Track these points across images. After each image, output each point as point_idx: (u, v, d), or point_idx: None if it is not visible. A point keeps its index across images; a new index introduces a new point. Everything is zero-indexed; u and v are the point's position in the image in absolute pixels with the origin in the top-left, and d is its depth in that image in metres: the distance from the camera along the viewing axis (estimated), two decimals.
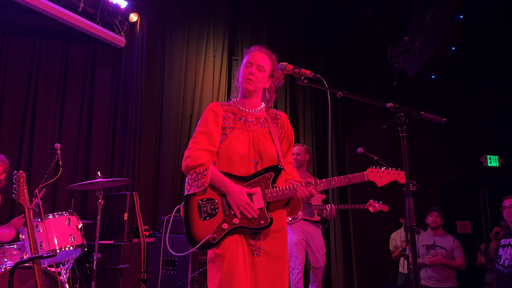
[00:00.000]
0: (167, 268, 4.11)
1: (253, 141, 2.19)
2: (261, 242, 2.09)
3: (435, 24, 5.17)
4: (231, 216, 2.06)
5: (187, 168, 2.11)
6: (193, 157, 2.09)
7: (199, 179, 2.06)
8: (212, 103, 2.28)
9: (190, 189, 2.07)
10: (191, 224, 2.03)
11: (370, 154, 4.22)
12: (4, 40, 4.80)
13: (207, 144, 2.13)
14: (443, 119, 1.88)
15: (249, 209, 2.06)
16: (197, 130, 2.19)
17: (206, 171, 2.07)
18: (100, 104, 5.28)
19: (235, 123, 2.23)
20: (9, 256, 3.20)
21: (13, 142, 4.72)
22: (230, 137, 2.18)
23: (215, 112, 2.22)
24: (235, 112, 2.26)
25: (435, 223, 5.07)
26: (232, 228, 2.04)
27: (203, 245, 2.01)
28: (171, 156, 5.44)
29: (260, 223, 2.06)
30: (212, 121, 2.19)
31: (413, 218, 1.86)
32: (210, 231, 2.01)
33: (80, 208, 4.87)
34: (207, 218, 2.04)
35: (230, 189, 2.08)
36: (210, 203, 2.07)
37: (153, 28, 5.68)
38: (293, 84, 6.31)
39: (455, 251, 5.00)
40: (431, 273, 4.91)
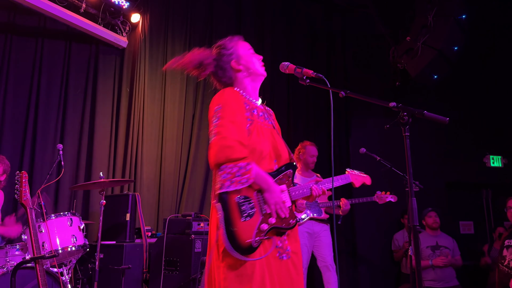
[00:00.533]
0: (169, 269, 4.11)
1: (270, 138, 2.10)
2: (287, 244, 1.98)
3: (437, 24, 5.16)
4: (267, 216, 1.91)
5: (228, 159, 1.82)
6: (234, 148, 1.84)
7: (243, 174, 1.82)
8: (230, 89, 2.11)
9: (231, 185, 1.81)
10: (233, 226, 1.80)
11: (372, 155, 4.21)
12: (6, 41, 4.80)
13: (239, 136, 1.90)
14: (446, 119, 1.87)
15: (284, 209, 1.94)
16: (223, 118, 1.94)
17: (249, 165, 1.84)
18: (102, 105, 5.28)
19: (252, 115, 2.07)
20: (12, 256, 3.20)
21: (15, 143, 4.72)
22: (254, 131, 2.02)
23: (238, 101, 2.04)
24: (247, 102, 2.11)
25: (436, 223, 5.06)
26: (269, 228, 1.89)
27: (245, 249, 1.80)
28: (173, 156, 5.44)
29: (290, 223, 1.97)
30: (238, 111, 2.00)
31: (416, 218, 1.85)
32: (251, 232, 1.83)
33: (82, 209, 4.88)
34: (247, 218, 1.84)
35: (272, 186, 1.93)
36: (247, 201, 1.87)
37: (155, 28, 5.68)
38: (294, 84, 6.30)
39: (455, 250, 5.02)
40: (440, 273, 4.88)
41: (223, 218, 1.80)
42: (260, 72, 2.22)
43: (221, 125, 1.91)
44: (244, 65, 2.20)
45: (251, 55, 2.24)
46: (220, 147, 1.85)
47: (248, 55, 2.23)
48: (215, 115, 1.97)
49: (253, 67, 2.20)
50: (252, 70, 2.20)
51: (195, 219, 4.19)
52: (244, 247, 1.79)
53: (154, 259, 4.22)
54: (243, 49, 2.25)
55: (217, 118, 1.95)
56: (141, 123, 5.35)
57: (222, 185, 1.82)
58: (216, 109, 1.99)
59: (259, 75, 2.22)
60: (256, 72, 2.21)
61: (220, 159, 1.83)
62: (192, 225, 4.12)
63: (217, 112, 1.97)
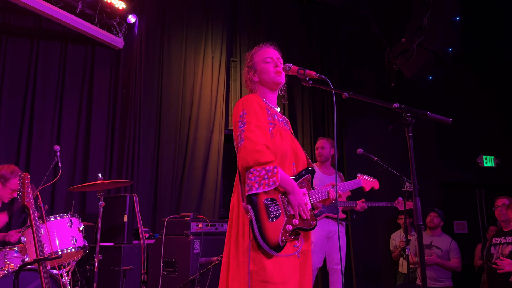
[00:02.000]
0: (168, 270, 4.10)
1: (290, 143, 2.20)
2: (303, 243, 2.09)
3: (432, 26, 5.21)
4: (291, 217, 2.01)
5: (257, 163, 1.94)
6: (263, 152, 1.96)
7: (270, 177, 1.93)
8: (254, 96, 2.19)
9: (259, 187, 1.92)
10: (263, 226, 1.90)
11: (369, 155, 4.25)
12: (2, 41, 4.77)
13: (264, 139, 2.01)
14: (449, 119, 1.90)
15: (306, 210, 2.04)
16: (250, 123, 2.04)
17: (276, 168, 1.96)
18: (99, 106, 5.25)
19: (273, 119, 2.17)
20: (10, 258, 3.18)
21: (11, 144, 4.69)
22: (277, 135, 2.12)
23: (261, 107, 2.13)
24: (268, 108, 2.20)
25: (431, 223, 5.16)
26: (294, 229, 2.00)
27: (273, 248, 1.90)
28: (170, 157, 5.44)
29: (311, 224, 2.08)
30: (262, 116, 2.09)
31: (420, 217, 1.88)
32: (278, 233, 1.93)
33: (79, 210, 4.85)
34: (274, 219, 1.95)
35: (296, 189, 2.03)
36: (274, 203, 1.98)
37: (151, 29, 5.67)
38: (291, 85, 6.32)
39: (451, 252, 5.07)
40: (432, 273, 4.97)
41: (254, 218, 1.91)
42: (271, 81, 2.27)
43: (248, 129, 2.02)
44: (259, 77, 2.29)
45: (264, 65, 2.28)
46: (250, 151, 1.96)
47: (261, 66, 2.29)
48: (241, 120, 2.08)
49: (265, 77, 2.27)
50: (265, 81, 2.28)
51: (194, 220, 4.18)
52: (272, 246, 1.90)
53: (153, 260, 4.21)
54: (258, 60, 2.31)
55: (244, 123, 2.06)
56: (138, 124, 5.34)
57: (251, 187, 1.93)
58: (241, 114, 2.10)
59: (271, 84, 2.28)
60: (267, 83, 2.28)
61: (249, 163, 1.95)
62: (190, 226, 4.12)
63: (243, 117, 2.08)
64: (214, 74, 5.87)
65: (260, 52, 2.33)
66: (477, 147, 6.98)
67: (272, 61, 2.29)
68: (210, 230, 4.20)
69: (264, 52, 2.33)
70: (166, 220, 4.27)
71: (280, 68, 2.27)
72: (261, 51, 2.34)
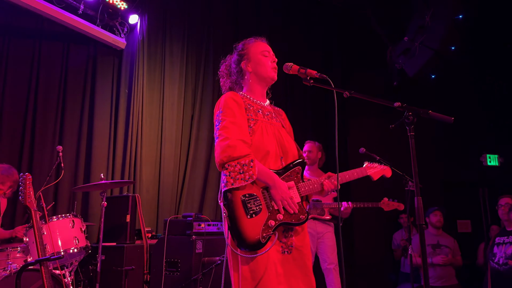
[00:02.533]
0: (170, 270, 4.10)
1: (277, 136, 2.14)
2: (293, 239, 2.01)
3: (434, 24, 5.20)
4: (274, 212, 1.94)
5: (230, 158, 1.89)
6: (235, 147, 1.91)
7: (246, 171, 1.87)
8: (230, 93, 2.15)
9: (234, 182, 1.86)
10: (239, 223, 1.84)
11: (372, 154, 4.23)
12: (4, 42, 4.77)
13: (241, 135, 1.97)
14: (451, 118, 1.89)
15: (291, 204, 1.97)
16: (225, 120, 2.02)
17: (252, 162, 1.90)
18: (101, 106, 5.26)
19: (256, 115, 2.12)
20: (13, 259, 3.19)
21: (14, 145, 4.69)
22: (258, 130, 2.07)
23: (238, 103, 2.09)
24: (251, 103, 2.16)
25: (439, 222, 5.10)
26: (277, 225, 1.92)
27: (252, 245, 1.84)
28: (172, 157, 5.44)
29: (300, 218, 1.99)
30: (238, 112, 2.05)
31: (422, 216, 1.87)
32: (259, 229, 1.86)
33: (82, 210, 4.86)
34: (253, 215, 1.87)
35: (277, 182, 1.96)
36: (253, 199, 1.91)
37: (153, 29, 5.67)
38: (293, 84, 6.32)
39: (456, 250, 5.06)
40: (440, 272, 4.93)
41: (228, 216, 1.86)
42: (267, 76, 2.23)
43: (222, 127, 2.00)
44: (253, 68, 2.23)
45: (261, 57, 2.24)
46: (223, 147, 1.93)
47: (258, 57, 2.24)
48: (217, 119, 2.07)
49: (261, 70, 2.22)
50: (259, 73, 2.23)
51: (196, 219, 4.18)
52: (252, 243, 1.84)
53: (155, 260, 4.21)
54: (254, 51, 2.26)
55: (219, 121, 2.04)
56: (140, 124, 5.34)
57: (226, 183, 1.88)
58: (217, 114, 2.08)
59: (266, 78, 2.24)
60: (262, 76, 2.23)
61: (223, 160, 1.91)
62: (192, 225, 4.12)
63: (219, 116, 2.06)
64: (216, 73, 5.84)
65: (256, 44, 2.29)
66: (481, 146, 6.95)
67: (269, 55, 2.27)
68: (212, 230, 4.20)
69: (260, 44, 2.29)
70: (168, 220, 4.27)
71: (276, 65, 2.25)
72: (257, 43, 2.30)
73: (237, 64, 2.27)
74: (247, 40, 2.33)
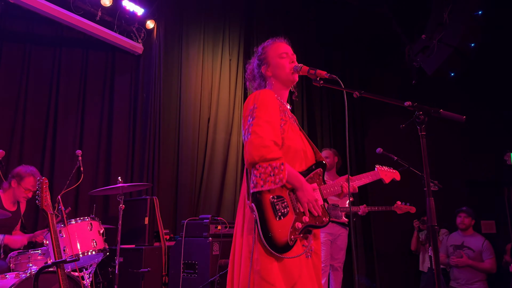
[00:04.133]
0: (188, 272, 4.14)
1: (300, 139, 2.14)
2: (312, 242, 1.99)
3: (453, 21, 5.09)
4: (300, 214, 1.93)
5: (262, 158, 1.86)
6: (269, 148, 1.88)
7: (276, 174, 1.85)
8: (267, 90, 2.11)
9: (264, 184, 1.84)
10: (269, 225, 1.82)
11: (389, 154, 4.18)
12: (26, 50, 4.91)
13: (273, 135, 1.94)
14: (462, 117, 1.85)
15: (316, 207, 1.96)
16: (259, 117, 1.96)
17: (283, 165, 1.88)
18: (120, 110, 5.35)
19: (285, 115, 2.10)
20: (34, 261, 3.27)
21: (36, 150, 4.82)
22: (289, 131, 2.05)
23: (274, 102, 2.06)
24: (280, 104, 2.14)
25: (462, 224, 5.00)
26: (304, 227, 1.91)
27: (282, 247, 1.83)
28: (189, 160, 5.49)
29: (323, 220, 1.99)
30: (273, 111, 2.01)
31: (434, 218, 1.83)
32: (287, 231, 1.85)
33: (101, 213, 4.95)
34: (281, 217, 1.86)
35: (304, 185, 1.95)
36: (281, 201, 1.90)
37: (169, 34, 5.74)
38: (309, 85, 6.29)
39: (484, 253, 4.87)
40: (457, 274, 4.83)
41: (258, 218, 1.83)
42: (286, 79, 2.19)
43: (257, 124, 1.94)
44: (272, 72, 2.21)
45: (279, 60, 2.20)
46: (256, 146, 1.88)
47: (276, 61, 2.20)
48: (250, 115, 2.01)
49: (281, 73, 2.19)
50: (279, 77, 2.20)
51: (212, 222, 4.21)
52: (280, 245, 1.83)
53: (173, 262, 4.26)
54: (272, 54, 2.22)
55: (253, 117, 1.98)
56: (158, 127, 5.41)
57: (256, 184, 1.86)
58: (251, 109, 2.02)
59: (285, 81, 2.21)
60: (282, 79, 2.20)
61: (255, 158, 1.87)
62: (209, 228, 4.15)
63: (253, 112, 1.99)
64: (232, 77, 5.91)
65: (274, 46, 2.25)
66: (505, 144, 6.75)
67: (288, 56, 2.22)
68: (229, 232, 4.22)
69: (278, 46, 2.24)
70: (186, 222, 4.31)
71: (295, 64, 2.20)
72: (275, 45, 2.25)
73: (258, 69, 2.25)
74: (266, 43, 2.30)
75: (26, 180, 3.79)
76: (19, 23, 4.90)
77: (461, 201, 5.97)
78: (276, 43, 2.27)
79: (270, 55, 2.22)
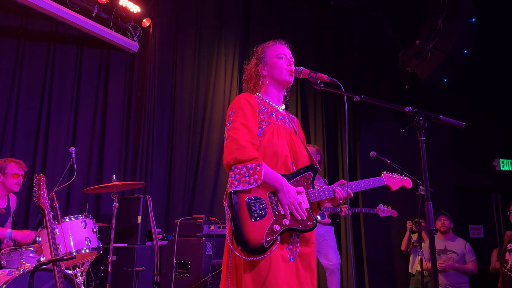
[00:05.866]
0: (180, 271, 4.13)
1: (288, 141, 2.12)
2: (298, 246, 1.97)
3: (447, 28, 5.16)
4: (281, 217, 1.90)
5: (236, 161, 1.88)
6: (243, 150, 1.89)
7: (251, 175, 1.85)
8: (245, 94, 2.14)
9: (238, 185, 1.84)
10: (242, 226, 1.80)
11: (383, 158, 4.23)
12: (19, 45, 4.87)
13: (249, 136, 1.96)
14: (462, 123, 1.88)
15: (299, 210, 1.93)
16: (235, 121, 2.01)
17: (259, 166, 1.87)
18: (114, 108, 5.33)
19: (269, 117, 2.11)
20: (26, 258, 3.23)
21: (28, 147, 4.78)
22: (269, 132, 2.05)
23: (251, 105, 2.07)
24: (265, 106, 2.15)
25: (444, 226, 5.07)
26: (283, 230, 1.87)
27: (255, 249, 1.80)
28: (183, 159, 5.48)
29: (308, 225, 1.94)
30: (250, 114, 2.03)
31: (432, 222, 1.86)
32: (262, 233, 1.82)
33: (93, 211, 4.92)
34: (257, 218, 1.84)
35: (285, 186, 1.93)
36: (259, 202, 1.88)
37: (165, 33, 5.73)
38: (303, 87, 6.32)
39: (467, 255, 4.98)
40: (443, 279, 4.89)
41: (231, 218, 1.83)
42: (282, 79, 2.21)
43: (232, 127, 1.99)
44: (269, 71, 2.23)
45: (277, 60, 2.22)
46: (230, 150, 1.92)
47: (274, 60, 2.23)
48: (228, 120, 2.06)
49: (277, 73, 2.21)
50: (275, 77, 2.22)
51: (206, 221, 4.20)
52: (255, 247, 1.80)
53: (165, 262, 4.24)
54: (271, 54, 2.25)
55: (230, 122, 2.04)
56: (152, 126, 5.40)
57: (230, 185, 1.87)
58: (230, 114, 2.08)
59: (281, 81, 2.22)
60: (277, 79, 2.22)
61: (230, 162, 1.90)
62: (202, 227, 4.14)
63: (230, 117, 2.05)
64: (227, 77, 5.91)
65: (274, 47, 2.27)
66: (494, 150, 6.86)
67: (286, 58, 2.24)
68: (222, 232, 4.21)
69: (278, 47, 2.27)
70: (179, 221, 4.30)
71: (292, 68, 2.22)
72: (275, 46, 2.28)
73: (255, 68, 2.27)
74: (266, 44, 2.33)
75: (9, 167, 3.73)
76: (13, 17, 4.85)
77: (450, 206, 6.06)
78: (276, 44, 2.30)
79: (269, 54, 2.25)
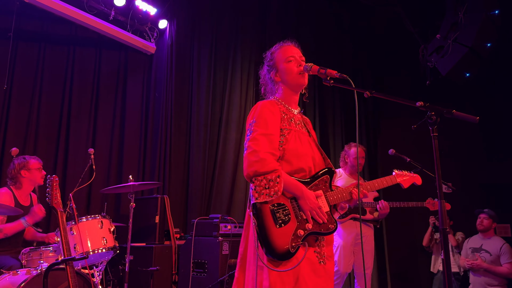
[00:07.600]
0: (198, 271, 4.14)
1: (308, 145, 2.12)
2: (325, 248, 2.01)
3: (468, 21, 5.00)
4: (303, 222, 1.94)
5: (256, 173, 1.90)
6: (263, 162, 1.91)
7: (271, 187, 1.88)
8: (266, 102, 2.12)
9: (259, 197, 1.88)
10: (268, 233, 1.85)
11: (402, 156, 4.12)
12: (40, 49, 4.97)
13: (270, 147, 1.97)
14: (476, 118, 1.80)
15: (320, 214, 1.96)
16: (255, 131, 2.00)
17: (279, 178, 1.90)
18: (132, 110, 5.39)
19: (289, 124, 2.10)
20: (45, 258, 3.30)
21: (49, 148, 4.87)
22: (292, 140, 2.06)
23: (273, 113, 2.06)
24: (285, 112, 2.14)
25: (481, 225, 4.91)
26: (306, 234, 1.92)
27: (282, 255, 1.84)
28: (200, 159, 5.50)
29: (329, 228, 1.99)
30: (271, 123, 2.03)
31: (446, 220, 1.79)
32: (288, 238, 1.87)
33: (113, 211, 4.99)
34: (282, 225, 1.89)
35: (305, 193, 1.96)
36: (282, 209, 1.92)
37: (182, 34, 5.76)
38: (321, 86, 6.26)
39: (502, 257, 4.71)
40: (473, 278, 4.73)
41: (257, 225, 1.86)
42: (294, 83, 2.18)
43: (253, 138, 1.98)
44: (281, 77, 2.20)
45: (286, 64, 2.18)
46: (250, 162, 1.93)
47: (283, 65, 2.19)
48: (249, 129, 2.05)
49: (288, 78, 2.17)
50: (287, 82, 2.19)
51: (222, 221, 4.21)
52: (281, 253, 1.84)
53: (183, 261, 4.27)
54: (279, 59, 2.21)
55: (251, 131, 2.02)
56: (169, 126, 5.44)
57: (252, 196, 1.90)
58: (250, 123, 2.06)
59: (294, 86, 2.19)
60: (290, 84, 2.18)
61: (250, 173, 1.92)
62: (219, 227, 4.15)
63: (252, 126, 2.04)
64: (244, 77, 5.90)
65: (281, 51, 2.23)
66: None
67: (295, 60, 2.18)
68: (239, 232, 4.21)
69: (285, 50, 2.22)
70: (196, 221, 4.32)
71: (301, 68, 2.16)
72: (282, 50, 2.23)
73: (268, 75, 2.25)
74: (274, 48, 2.29)
75: (31, 162, 3.80)
76: (34, 22, 4.96)
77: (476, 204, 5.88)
78: (283, 47, 2.25)
79: (278, 60, 2.21)
